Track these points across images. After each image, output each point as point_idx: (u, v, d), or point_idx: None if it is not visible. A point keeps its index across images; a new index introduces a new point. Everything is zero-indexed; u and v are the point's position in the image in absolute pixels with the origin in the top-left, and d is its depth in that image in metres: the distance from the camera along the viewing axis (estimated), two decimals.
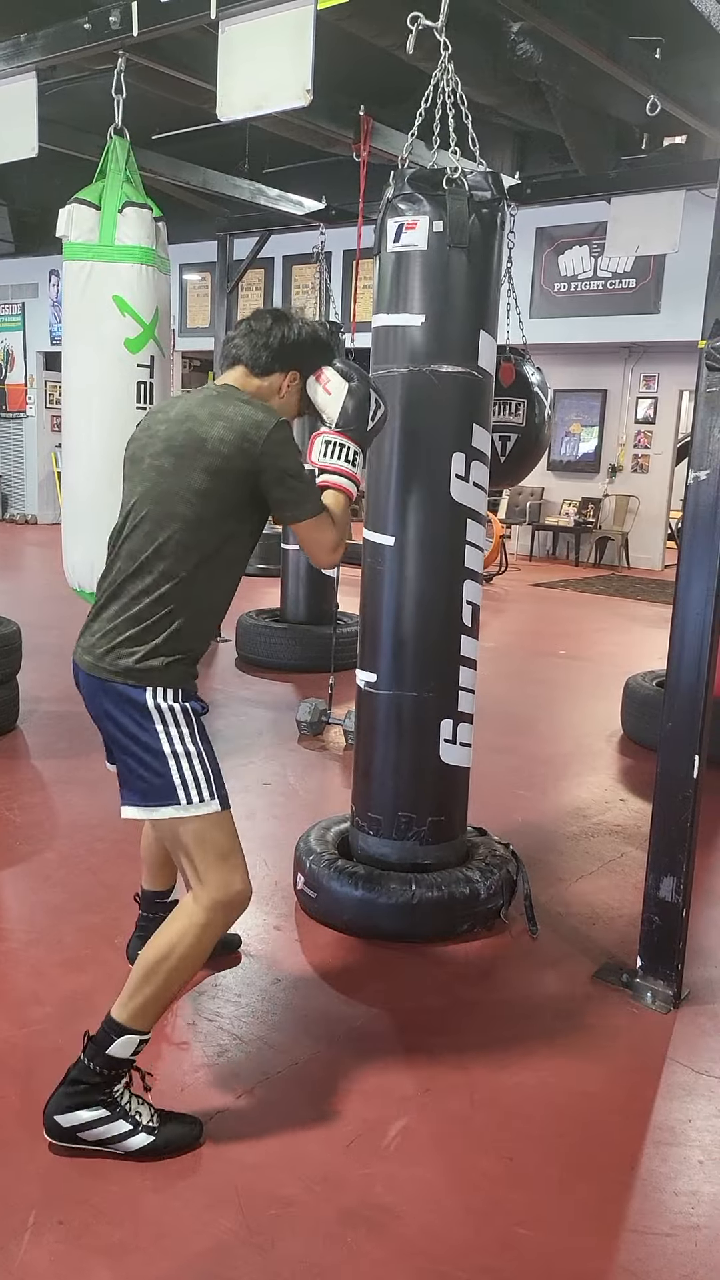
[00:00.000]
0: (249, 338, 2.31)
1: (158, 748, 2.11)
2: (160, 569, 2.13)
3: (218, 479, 2.12)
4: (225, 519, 2.16)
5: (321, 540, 2.24)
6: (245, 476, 2.13)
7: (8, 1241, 1.88)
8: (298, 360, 2.33)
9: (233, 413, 2.15)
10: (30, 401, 15.28)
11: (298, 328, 2.32)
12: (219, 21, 3.36)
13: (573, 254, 10.68)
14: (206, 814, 2.12)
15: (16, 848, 3.67)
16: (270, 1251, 1.89)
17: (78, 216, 3.79)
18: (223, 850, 2.14)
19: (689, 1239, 2.00)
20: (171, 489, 2.13)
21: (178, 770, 2.11)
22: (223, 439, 2.11)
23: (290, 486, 2.16)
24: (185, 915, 2.13)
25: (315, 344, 2.35)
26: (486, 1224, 2.00)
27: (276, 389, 2.33)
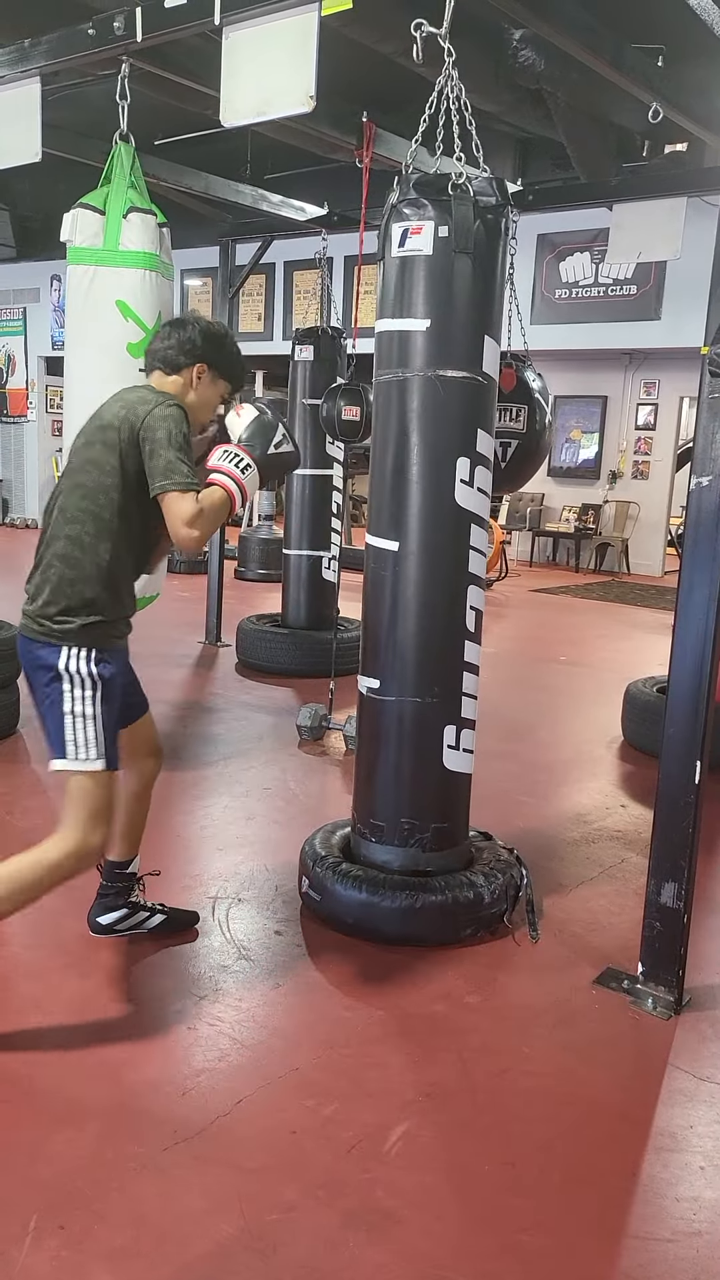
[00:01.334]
0: (157, 343, 2.62)
1: (59, 708, 2.41)
2: (67, 533, 2.42)
3: (109, 450, 2.39)
4: (116, 488, 2.40)
5: (180, 510, 2.32)
6: (130, 447, 2.38)
7: (8, 1247, 1.87)
8: (199, 353, 2.59)
9: (131, 397, 2.46)
10: (31, 406, 15.31)
11: (191, 327, 2.60)
12: (223, 27, 3.37)
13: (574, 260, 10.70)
14: (88, 770, 2.41)
15: (16, 851, 3.66)
16: (272, 1256, 1.88)
17: (82, 221, 3.80)
18: (94, 807, 2.43)
19: (690, 1245, 1.99)
20: (76, 463, 2.46)
21: (71, 728, 2.40)
22: (116, 414, 2.42)
23: (162, 456, 2.34)
24: (40, 850, 2.42)
25: (210, 336, 2.61)
26: (488, 1229, 1.99)
27: (189, 382, 2.59)
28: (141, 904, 3.03)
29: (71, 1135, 2.18)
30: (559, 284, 10.85)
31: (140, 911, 3.01)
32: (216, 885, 3.43)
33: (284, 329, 12.42)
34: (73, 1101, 2.30)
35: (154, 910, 3.04)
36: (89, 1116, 2.25)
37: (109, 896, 2.98)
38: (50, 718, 2.43)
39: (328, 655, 6.00)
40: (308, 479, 6.75)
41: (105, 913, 2.98)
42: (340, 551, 6.69)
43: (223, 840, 3.87)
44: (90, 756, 2.41)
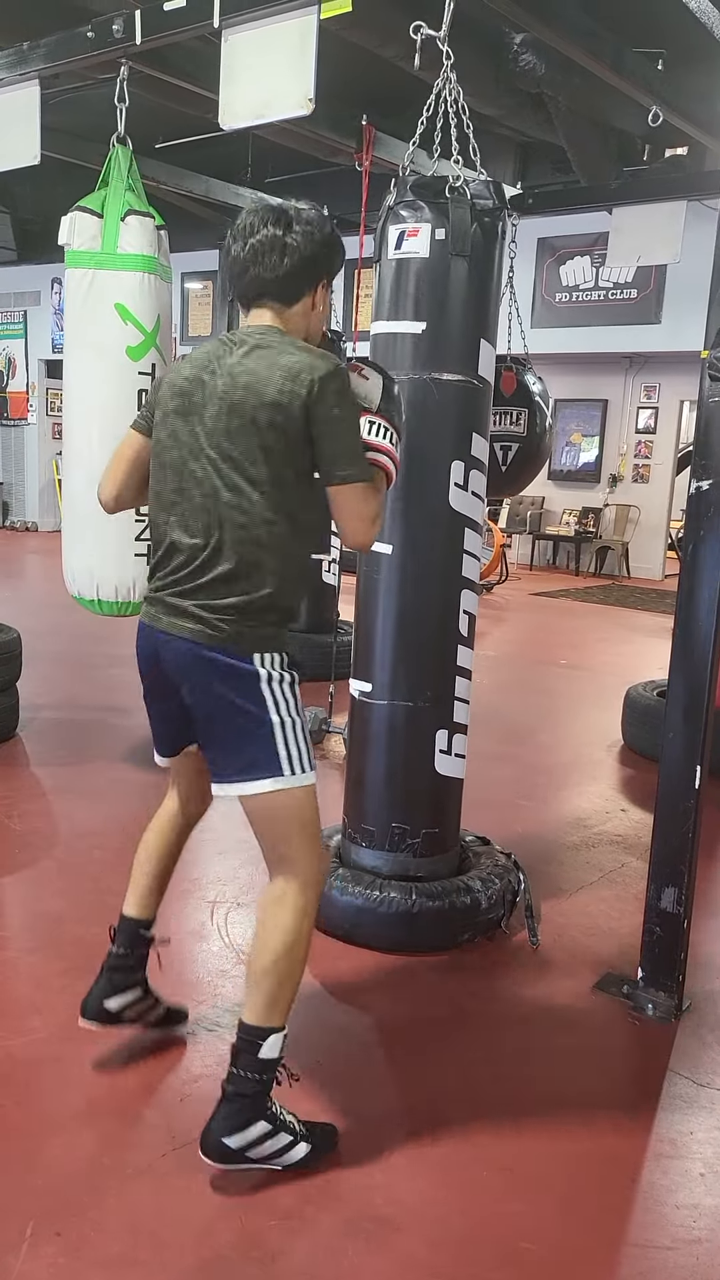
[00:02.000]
0: (264, 267, 2.09)
1: (264, 717, 2.03)
2: (242, 534, 2.01)
3: (280, 435, 1.99)
4: (297, 481, 2.04)
5: (363, 509, 2.06)
6: (299, 429, 2.00)
7: (5, 1254, 1.86)
8: (320, 268, 2.15)
9: (288, 358, 2.01)
10: (32, 409, 15.31)
11: (304, 234, 2.09)
12: (222, 30, 3.37)
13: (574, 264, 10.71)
14: (306, 784, 2.08)
15: (16, 855, 3.66)
16: (270, 1264, 1.87)
17: (80, 224, 3.80)
18: (311, 823, 2.11)
19: (690, 1253, 1.98)
20: (239, 449, 2.01)
21: (283, 740, 2.04)
22: (280, 388, 1.98)
23: (340, 439, 2.01)
24: (286, 906, 2.07)
25: (328, 242, 2.14)
26: (488, 1236, 1.98)
27: (310, 306, 2.16)
28: (152, 989, 2.49)
29: (68, 1141, 2.17)
30: (559, 287, 10.85)
31: (149, 996, 2.49)
32: (215, 889, 3.42)
33: None
34: (70, 1107, 2.29)
35: (158, 998, 2.52)
36: (86, 1122, 2.24)
37: (120, 973, 2.44)
38: (249, 730, 2.03)
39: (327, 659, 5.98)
40: None
41: (115, 993, 2.43)
42: (340, 554, 6.68)
43: (222, 844, 3.85)
44: (307, 769, 2.07)
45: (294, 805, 2.09)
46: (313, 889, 2.11)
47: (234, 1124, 2.03)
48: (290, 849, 2.10)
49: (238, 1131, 2.03)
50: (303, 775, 2.08)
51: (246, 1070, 2.05)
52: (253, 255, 2.09)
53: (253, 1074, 2.05)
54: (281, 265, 2.08)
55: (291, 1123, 2.10)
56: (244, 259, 2.11)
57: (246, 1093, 2.05)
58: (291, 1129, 2.09)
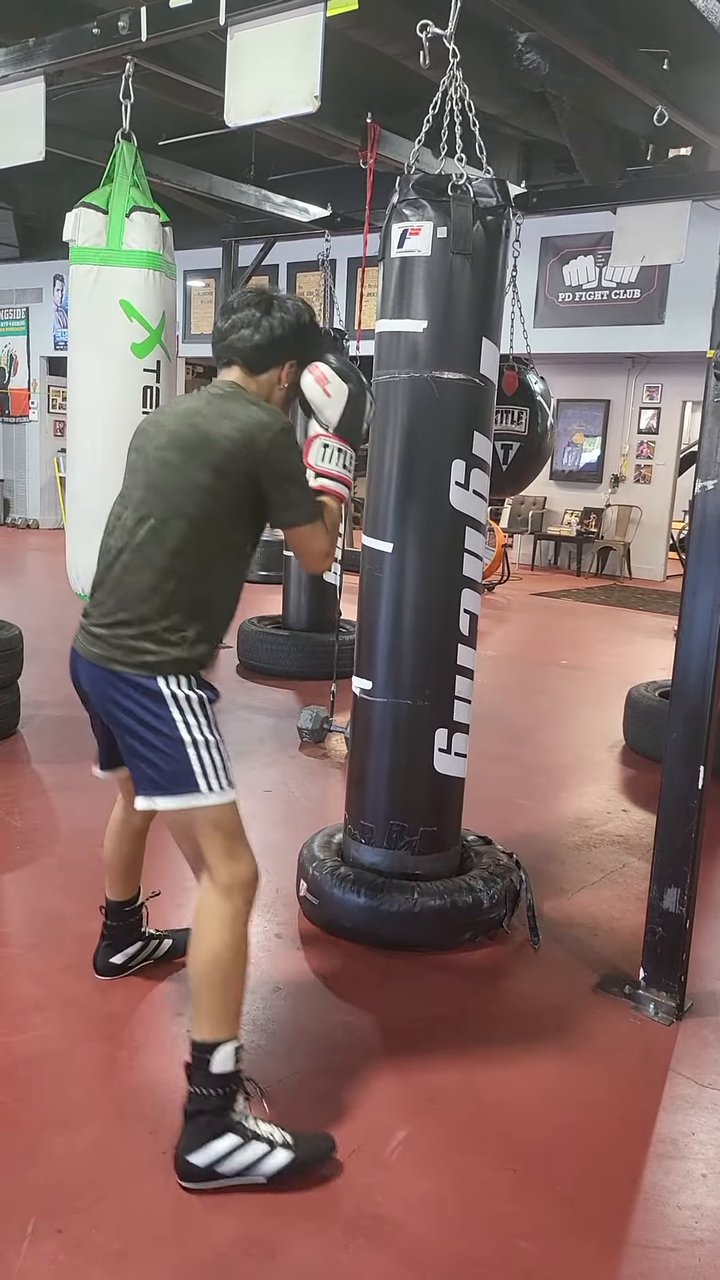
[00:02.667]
0: (240, 335, 2.29)
1: (176, 735, 2.11)
2: (167, 565, 2.14)
3: (222, 478, 2.14)
4: (228, 519, 2.18)
5: (315, 548, 2.28)
6: (248, 478, 2.15)
7: (6, 1250, 1.86)
8: (290, 351, 2.33)
9: (240, 413, 2.18)
10: (33, 406, 15.30)
11: (279, 320, 2.29)
12: (228, 27, 3.37)
13: (577, 264, 10.69)
14: (224, 802, 2.13)
15: (16, 852, 3.66)
16: (270, 1262, 1.87)
17: (85, 221, 3.79)
18: (233, 834, 2.15)
19: (692, 1254, 1.98)
20: (178, 484, 2.16)
21: (196, 758, 2.11)
22: (229, 437, 2.14)
23: (289, 492, 2.20)
24: (213, 914, 2.11)
25: (302, 331, 2.33)
26: (488, 1236, 1.98)
27: (275, 381, 2.34)
28: (151, 934, 2.86)
29: (69, 1138, 2.17)
30: (562, 287, 10.84)
31: (151, 941, 2.85)
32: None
33: None
34: (71, 1104, 2.29)
35: (162, 937, 2.88)
36: (87, 1119, 2.23)
37: (118, 935, 2.79)
38: (164, 750, 2.11)
39: (329, 657, 5.98)
40: None
41: (116, 952, 2.78)
42: (343, 553, 6.67)
43: None
44: (224, 785, 2.13)
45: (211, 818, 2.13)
46: (238, 894, 2.12)
47: (197, 1141, 2.02)
48: (209, 859, 2.14)
49: (201, 1148, 2.02)
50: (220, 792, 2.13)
51: (202, 1087, 2.05)
52: (231, 327, 2.31)
53: (209, 1089, 2.05)
54: (252, 339, 2.29)
55: (267, 1134, 2.06)
56: (224, 330, 2.33)
57: (206, 1109, 2.04)
58: (267, 1139, 2.05)
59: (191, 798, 2.11)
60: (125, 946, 2.79)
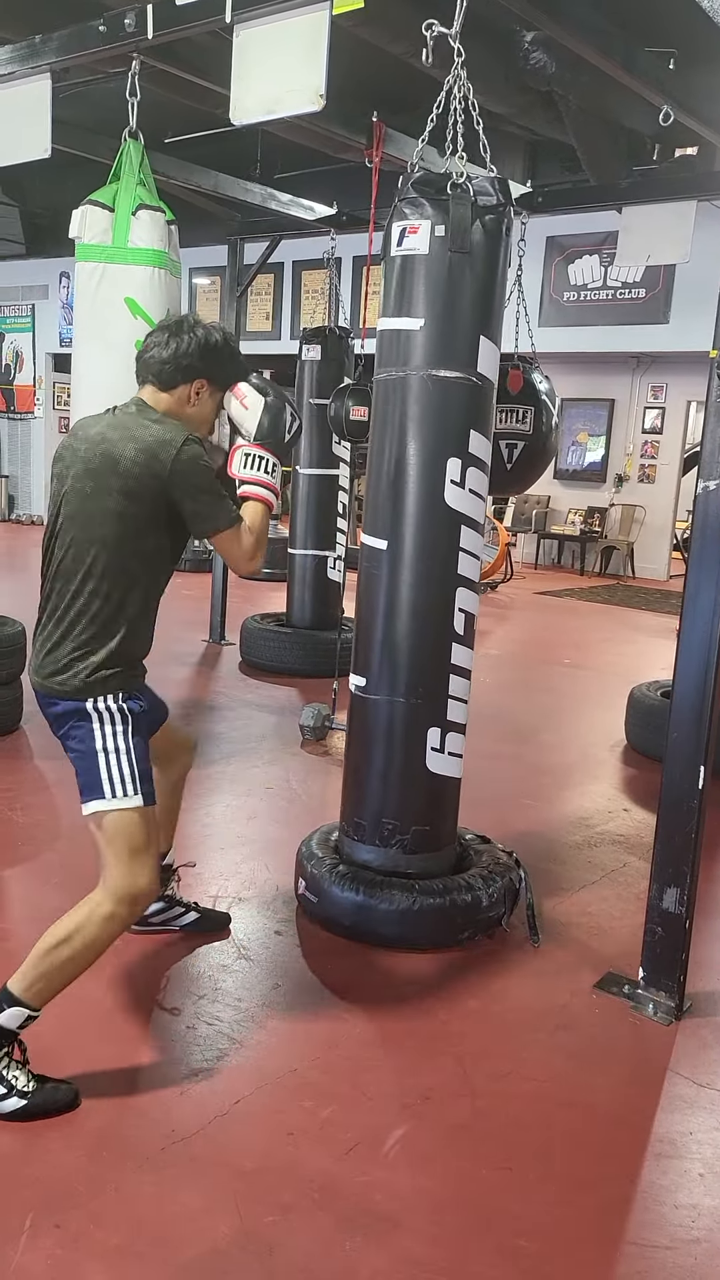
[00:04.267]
0: (152, 354, 2.39)
1: (91, 747, 2.27)
2: (90, 589, 2.27)
3: (132, 500, 2.24)
4: (144, 536, 2.28)
5: (236, 551, 2.34)
6: (157, 496, 2.24)
7: (4, 1245, 1.87)
8: (199, 370, 2.40)
9: (143, 433, 2.27)
10: (38, 403, 15.31)
11: (188, 340, 2.38)
12: (234, 25, 3.36)
13: (582, 263, 10.68)
14: (127, 807, 2.26)
15: (19, 848, 3.67)
16: (268, 1258, 1.88)
17: (91, 218, 3.79)
18: (135, 845, 2.27)
19: (688, 1253, 1.98)
20: (92, 511, 2.26)
21: (105, 766, 2.26)
22: (134, 460, 2.23)
23: (202, 502, 2.27)
24: (91, 903, 2.25)
25: (210, 351, 2.40)
26: (486, 1234, 1.99)
27: (186, 399, 2.41)
28: (177, 899, 3.01)
29: (68, 1133, 2.17)
30: (567, 286, 10.83)
31: (175, 906, 3.00)
32: (217, 884, 3.42)
33: (291, 328, 12.40)
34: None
35: (188, 907, 3.04)
36: (86, 1115, 2.24)
37: None
38: (82, 759, 2.29)
39: (331, 655, 5.99)
40: (313, 479, 6.74)
41: None
42: (345, 551, 6.68)
43: (224, 839, 3.86)
44: (129, 793, 2.26)
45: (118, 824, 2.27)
46: (123, 904, 2.25)
47: None
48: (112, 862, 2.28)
49: None
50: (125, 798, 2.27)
51: None
52: (146, 348, 2.42)
53: None
54: (160, 356, 2.38)
55: (12, 1078, 2.21)
56: (140, 351, 2.44)
57: None
58: (8, 1083, 2.20)
59: (98, 803, 2.26)
60: None
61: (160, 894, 2.91)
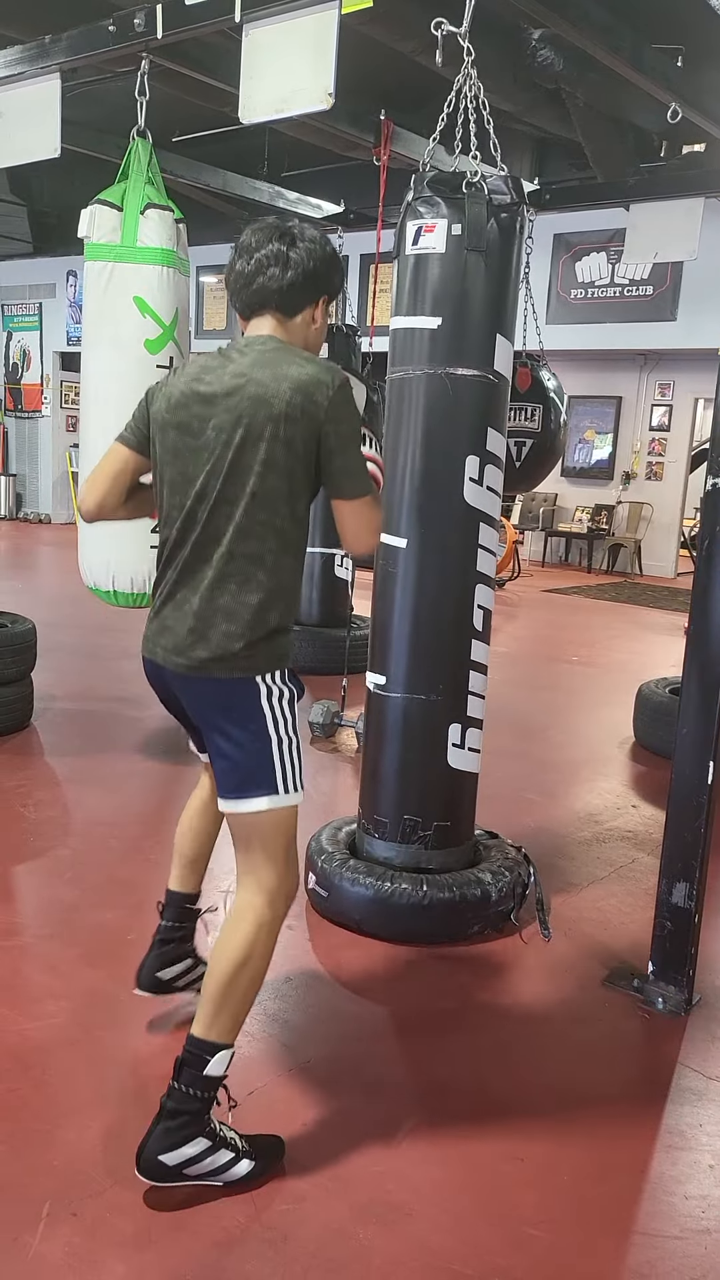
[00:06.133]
0: (266, 277, 2.07)
1: (265, 733, 2.03)
2: (242, 550, 1.99)
3: (287, 448, 1.96)
4: (296, 494, 2.01)
5: (367, 519, 2.05)
6: (308, 444, 1.97)
7: (22, 1233, 1.89)
8: (323, 284, 2.13)
9: (297, 372, 1.97)
10: (46, 401, 15.34)
11: (307, 250, 2.09)
12: (243, 25, 3.38)
13: (590, 260, 10.68)
14: (292, 805, 2.08)
15: (30, 844, 3.69)
16: (282, 1245, 1.90)
17: (100, 217, 3.82)
18: (289, 841, 2.10)
19: (699, 1243, 2.00)
20: (243, 463, 1.97)
21: (279, 757, 2.04)
22: (286, 399, 1.94)
23: (350, 455, 2.00)
24: (253, 915, 2.04)
25: (330, 260, 2.13)
26: (497, 1223, 2.00)
27: (310, 321, 2.14)
28: (202, 958, 2.59)
29: (84, 1123, 2.20)
30: (575, 284, 10.83)
31: (200, 965, 2.57)
32: (228, 879, 3.44)
33: None
34: (86, 1091, 2.31)
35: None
36: (101, 1105, 2.26)
37: (171, 945, 2.56)
38: (253, 750, 2.03)
39: (340, 652, 6.00)
40: None
41: (165, 965, 2.56)
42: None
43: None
44: (298, 788, 2.07)
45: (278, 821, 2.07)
46: (282, 903, 2.08)
47: (172, 1141, 1.98)
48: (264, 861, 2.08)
49: (175, 1149, 1.97)
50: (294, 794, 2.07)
51: (189, 1086, 2.00)
52: (257, 268, 2.08)
53: (195, 1090, 2.00)
54: (284, 277, 2.07)
55: (233, 1139, 2.04)
56: (248, 272, 2.10)
57: (187, 1110, 1.99)
58: (233, 1145, 2.03)
59: (268, 800, 2.04)
60: (175, 960, 2.57)
61: (189, 949, 2.62)
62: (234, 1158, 2.02)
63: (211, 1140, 2.00)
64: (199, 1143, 1.99)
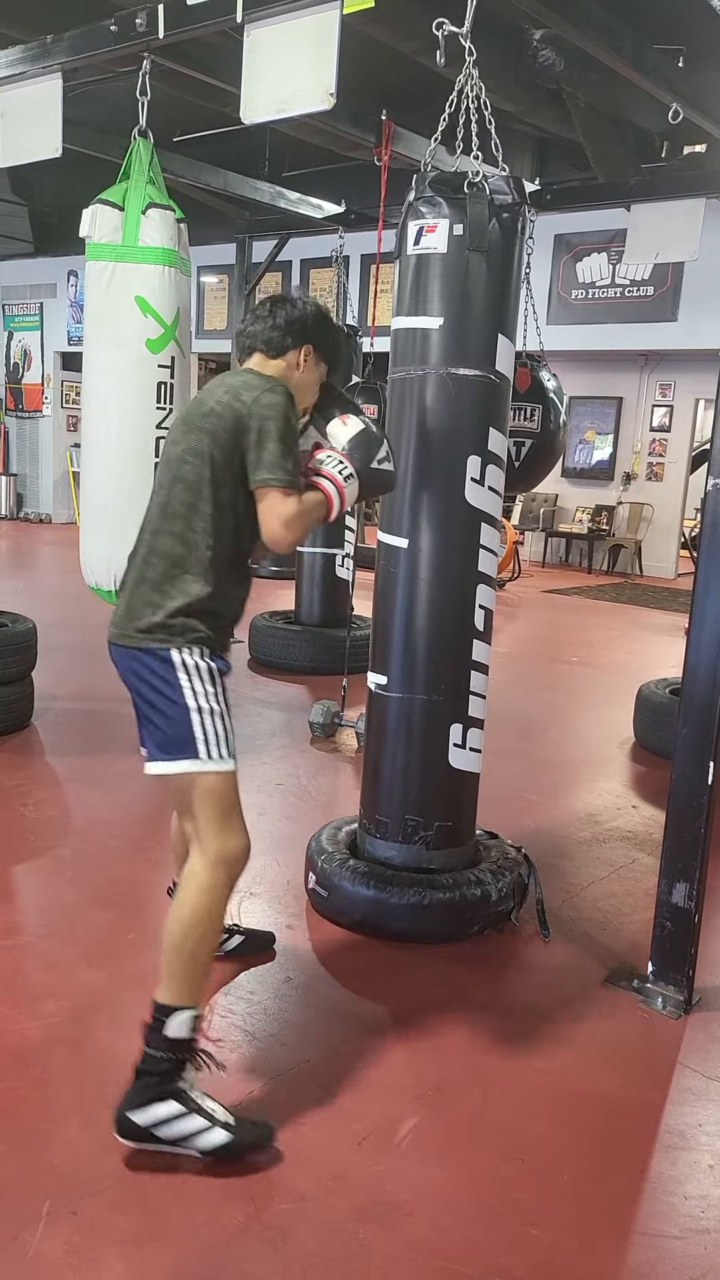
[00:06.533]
0: (258, 324, 2.42)
1: (182, 702, 2.17)
2: (170, 529, 2.22)
3: (213, 439, 2.20)
4: (219, 481, 2.21)
5: (277, 510, 2.17)
6: (234, 438, 2.19)
7: (22, 1231, 1.89)
8: (308, 334, 2.41)
9: (236, 381, 2.27)
10: (47, 401, 15.35)
11: (301, 305, 2.43)
12: (244, 25, 3.39)
13: (591, 261, 10.68)
14: (221, 770, 2.20)
15: (31, 843, 3.69)
16: (282, 1245, 1.90)
17: (101, 217, 3.82)
18: (226, 807, 2.21)
19: (698, 1243, 2.00)
20: (175, 453, 2.26)
21: (199, 725, 2.18)
22: (219, 400, 2.23)
23: (265, 447, 2.17)
24: (195, 879, 2.18)
25: (319, 317, 2.44)
26: (498, 1223, 2.01)
27: (294, 365, 2.41)
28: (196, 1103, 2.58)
29: (84, 1122, 2.20)
30: (575, 284, 10.83)
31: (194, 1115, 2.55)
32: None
33: None
34: (85, 1089, 2.32)
35: (231, 932, 2.88)
36: (101, 1104, 2.25)
37: None
38: (170, 715, 2.18)
39: (340, 653, 6.01)
40: None
41: None
42: (355, 549, 6.70)
43: None
44: (224, 754, 2.19)
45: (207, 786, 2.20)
46: (222, 868, 2.18)
47: (139, 1100, 2.08)
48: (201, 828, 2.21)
49: (142, 1108, 2.07)
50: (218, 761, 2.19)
51: (154, 1048, 2.10)
52: (254, 318, 2.45)
53: (160, 1052, 2.09)
54: (271, 321, 2.40)
55: (211, 1110, 2.09)
56: (247, 324, 2.46)
57: (154, 1071, 2.09)
58: (209, 1115, 2.08)
59: (190, 763, 2.18)
60: None
61: None
62: (207, 1126, 2.08)
63: (184, 1106, 2.09)
64: (170, 1105, 2.08)
